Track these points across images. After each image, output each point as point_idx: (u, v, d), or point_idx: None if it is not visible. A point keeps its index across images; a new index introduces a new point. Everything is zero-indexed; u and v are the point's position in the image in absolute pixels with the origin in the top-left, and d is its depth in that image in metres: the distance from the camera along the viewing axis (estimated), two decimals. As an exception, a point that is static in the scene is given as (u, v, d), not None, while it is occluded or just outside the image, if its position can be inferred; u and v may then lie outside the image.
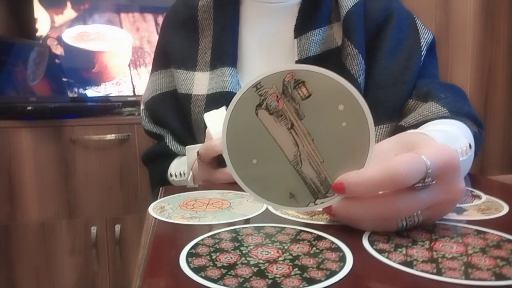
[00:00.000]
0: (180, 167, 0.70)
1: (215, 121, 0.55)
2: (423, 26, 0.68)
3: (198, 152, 0.53)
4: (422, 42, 0.66)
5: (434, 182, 0.30)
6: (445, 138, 0.45)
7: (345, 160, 0.31)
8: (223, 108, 0.57)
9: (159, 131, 0.76)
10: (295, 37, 0.67)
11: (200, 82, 0.70)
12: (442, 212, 0.33)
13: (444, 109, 0.57)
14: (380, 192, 0.31)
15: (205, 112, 0.67)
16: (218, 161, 0.53)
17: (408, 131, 0.42)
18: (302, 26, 0.67)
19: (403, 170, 0.28)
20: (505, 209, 0.37)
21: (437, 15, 1.57)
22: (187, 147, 0.60)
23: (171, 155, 0.74)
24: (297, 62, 0.66)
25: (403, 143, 0.35)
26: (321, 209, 0.33)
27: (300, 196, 0.33)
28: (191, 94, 0.70)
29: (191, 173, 0.59)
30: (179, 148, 0.74)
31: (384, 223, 0.31)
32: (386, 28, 0.66)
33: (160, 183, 0.75)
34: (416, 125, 0.57)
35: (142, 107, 0.80)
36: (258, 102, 0.32)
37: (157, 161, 0.76)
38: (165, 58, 0.75)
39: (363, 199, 0.31)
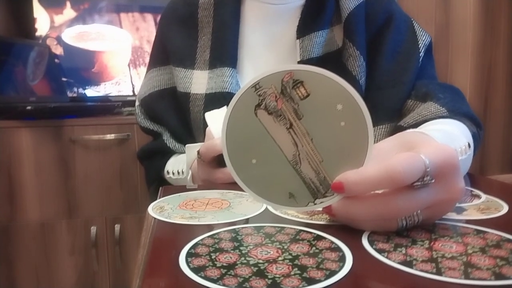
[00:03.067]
0: (177, 165, 0.70)
1: (217, 121, 0.54)
2: (421, 29, 0.69)
3: (198, 151, 0.53)
4: (420, 44, 0.67)
5: (433, 181, 0.30)
6: (445, 137, 0.45)
7: (344, 160, 0.31)
8: (224, 107, 0.57)
9: (156, 128, 0.76)
10: (298, 37, 0.67)
11: (198, 81, 0.69)
12: (442, 211, 0.33)
13: (443, 108, 0.57)
14: (380, 192, 0.31)
15: (204, 112, 0.67)
16: (218, 161, 0.53)
17: (408, 131, 0.42)
18: (305, 27, 0.67)
19: (402, 169, 0.28)
20: (505, 208, 0.37)
21: (437, 15, 1.57)
22: (187, 145, 0.59)
23: (168, 153, 0.74)
24: (299, 63, 0.66)
25: (402, 142, 0.35)
26: (320, 209, 0.33)
27: (299, 196, 0.33)
28: (190, 93, 0.69)
29: (190, 172, 0.59)
30: (177, 146, 0.73)
31: (384, 223, 0.31)
32: (386, 30, 0.66)
33: (156, 181, 0.74)
34: (415, 125, 0.57)
35: (137, 103, 0.79)
36: (257, 102, 0.32)
37: (154, 158, 0.76)
38: (164, 55, 0.74)
39: (363, 199, 0.31)
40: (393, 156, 0.31)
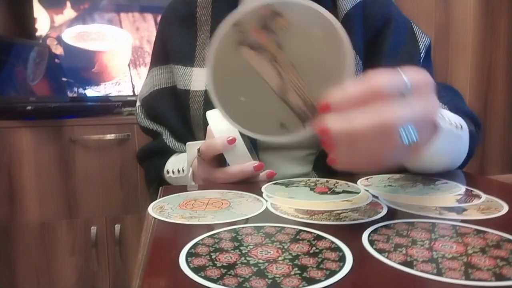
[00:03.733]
0: (178, 164, 0.70)
1: (218, 120, 0.54)
2: (420, 30, 0.70)
3: (199, 149, 0.53)
4: (421, 46, 0.68)
5: (411, 94, 0.31)
6: (449, 123, 0.46)
7: (327, 83, 0.32)
8: None
9: (156, 127, 0.76)
10: None
11: (198, 78, 0.70)
12: (425, 129, 0.33)
13: (445, 106, 0.58)
14: None
15: (204, 109, 0.67)
16: (219, 160, 0.53)
17: None
18: None
19: (381, 80, 0.30)
20: (505, 208, 0.37)
21: (437, 16, 1.57)
22: (187, 143, 0.59)
23: (168, 152, 0.74)
24: None
25: None
26: (313, 131, 0.33)
27: (290, 124, 0.34)
28: (190, 90, 0.70)
29: (190, 170, 0.59)
30: (176, 145, 0.73)
31: (385, 138, 0.30)
32: (385, 32, 0.67)
33: (156, 181, 0.75)
34: None
35: (138, 103, 0.80)
36: (240, 39, 0.33)
37: (154, 158, 0.76)
38: (165, 54, 0.75)
39: (358, 111, 0.30)
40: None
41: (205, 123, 0.65)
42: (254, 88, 0.33)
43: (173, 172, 0.70)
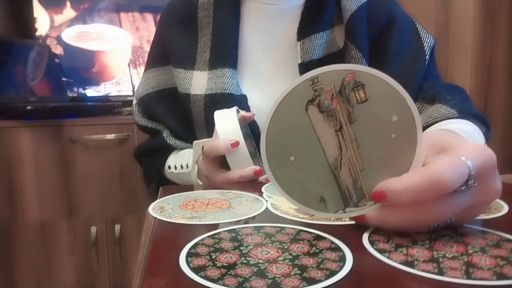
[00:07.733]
0: (180, 160, 0.70)
1: (224, 121, 0.54)
2: (424, 30, 0.69)
3: (203, 147, 0.53)
4: (426, 46, 0.67)
5: (476, 184, 0.28)
6: (467, 137, 0.44)
7: (386, 172, 0.30)
8: (234, 108, 0.56)
9: (155, 125, 0.76)
10: (298, 39, 0.67)
11: (198, 82, 0.69)
12: (475, 213, 0.31)
13: (453, 110, 0.57)
14: None
15: (205, 113, 0.67)
16: (221, 160, 0.53)
17: (432, 131, 0.41)
18: (305, 29, 0.67)
19: (448, 176, 0.27)
20: (505, 209, 0.37)
21: (437, 15, 1.57)
22: (194, 142, 0.59)
23: (168, 150, 0.74)
24: (300, 65, 0.66)
25: (434, 143, 0.33)
26: (348, 218, 0.32)
27: (330, 201, 0.32)
28: (190, 94, 0.69)
29: (196, 167, 0.59)
30: (177, 143, 0.73)
31: (416, 227, 0.30)
32: (389, 32, 0.66)
33: (156, 178, 0.74)
34: (425, 127, 0.56)
35: (134, 101, 0.79)
36: (311, 97, 0.30)
37: (154, 155, 0.76)
38: (164, 55, 0.74)
39: (399, 208, 0.29)
40: (435, 161, 0.29)
41: (207, 126, 0.64)
42: (308, 152, 0.31)
43: (175, 168, 0.69)
